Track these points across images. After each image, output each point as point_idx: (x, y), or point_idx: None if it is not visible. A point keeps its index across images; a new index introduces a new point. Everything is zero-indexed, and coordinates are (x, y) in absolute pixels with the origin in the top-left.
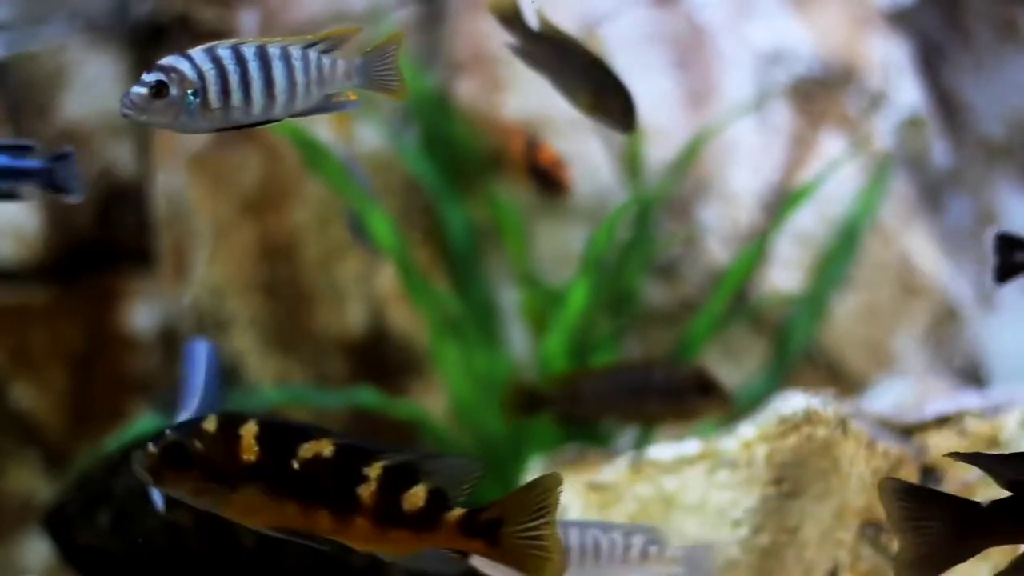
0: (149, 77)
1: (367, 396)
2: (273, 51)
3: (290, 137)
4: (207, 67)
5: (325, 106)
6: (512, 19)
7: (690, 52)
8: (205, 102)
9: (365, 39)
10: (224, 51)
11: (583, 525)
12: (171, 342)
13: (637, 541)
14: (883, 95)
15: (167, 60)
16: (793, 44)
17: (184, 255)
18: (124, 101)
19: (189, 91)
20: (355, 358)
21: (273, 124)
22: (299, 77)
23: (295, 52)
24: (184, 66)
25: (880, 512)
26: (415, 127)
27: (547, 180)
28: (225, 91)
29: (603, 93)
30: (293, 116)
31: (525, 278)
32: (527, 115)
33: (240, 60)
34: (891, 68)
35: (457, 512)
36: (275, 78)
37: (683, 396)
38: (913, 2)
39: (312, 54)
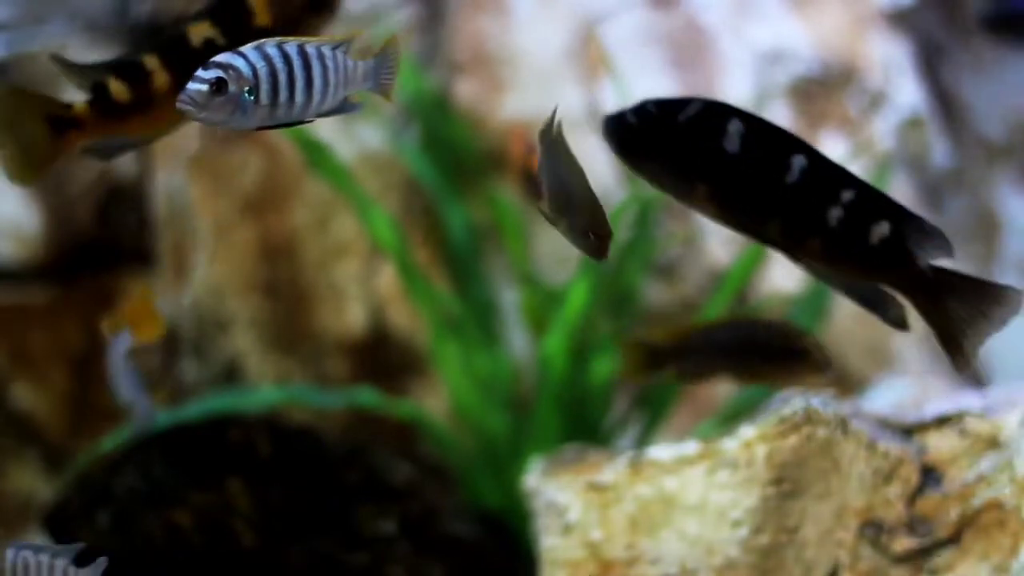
0: (208, 74)
1: (367, 396)
2: (311, 51)
3: (293, 137)
4: (260, 65)
5: (338, 107)
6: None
7: (690, 52)
8: (256, 100)
9: (362, 40)
10: (272, 50)
11: (19, 547)
12: (171, 342)
13: (60, 563)
14: (883, 95)
15: (223, 57)
16: (793, 44)
17: (184, 255)
18: (183, 97)
19: (245, 88)
20: (355, 358)
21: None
22: (332, 77)
23: (328, 52)
24: (240, 63)
25: (880, 512)
26: (415, 127)
27: (536, 186)
28: (274, 89)
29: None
30: (319, 117)
31: (525, 278)
32: (527, 115)
33: (286, 59)
34: (891, 68)
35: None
36: (314, 78)
37: (775, 357)
38: (913, 2)
39: (340, 55)
